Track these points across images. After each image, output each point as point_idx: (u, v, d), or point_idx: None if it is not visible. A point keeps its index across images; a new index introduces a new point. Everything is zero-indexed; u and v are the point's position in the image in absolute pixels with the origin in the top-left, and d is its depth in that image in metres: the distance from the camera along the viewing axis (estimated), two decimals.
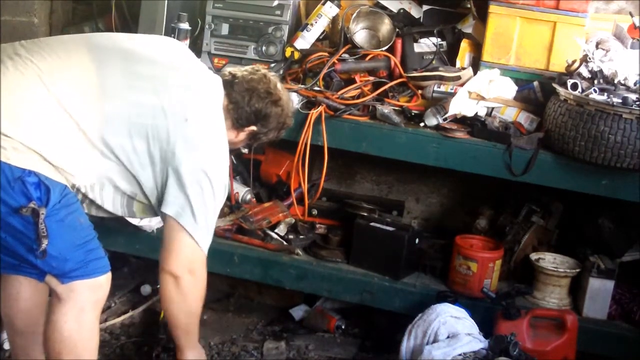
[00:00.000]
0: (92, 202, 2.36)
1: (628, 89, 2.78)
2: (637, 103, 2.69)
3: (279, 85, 2.59)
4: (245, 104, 2.50)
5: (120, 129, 2.25)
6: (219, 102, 2.45)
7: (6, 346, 2.92)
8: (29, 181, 2.11)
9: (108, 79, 2.26)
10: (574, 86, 2.81)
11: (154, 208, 2.40)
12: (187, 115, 2.32)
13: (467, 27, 3.26)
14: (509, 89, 3.04)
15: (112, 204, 2.39)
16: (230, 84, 2.50)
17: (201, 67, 2.53)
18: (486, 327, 2.77)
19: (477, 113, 3.00)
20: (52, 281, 2.25)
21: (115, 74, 2.28)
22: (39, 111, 2.16)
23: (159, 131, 2.28)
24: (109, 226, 3.15)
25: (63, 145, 2.19)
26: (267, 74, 2.58)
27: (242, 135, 2.57)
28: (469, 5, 3.27)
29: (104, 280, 2.32)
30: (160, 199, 2.35)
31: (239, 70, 2.56)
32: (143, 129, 2.27)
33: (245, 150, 3.21)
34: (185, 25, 3.15)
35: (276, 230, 3.26)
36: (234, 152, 2.65)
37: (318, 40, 3.30)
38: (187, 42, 3.16)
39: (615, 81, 2.80)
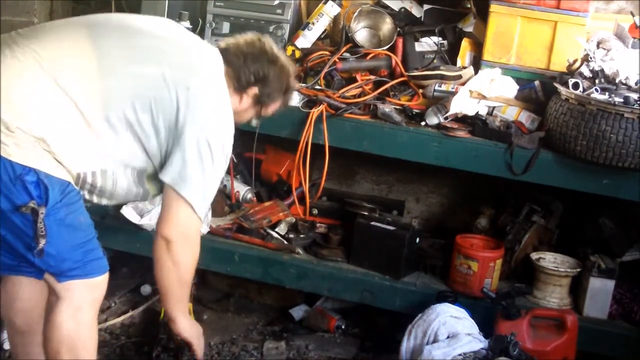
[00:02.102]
0: (102, 191, 2.32)
1: (629, 88, 2.78)
2: (639, 102, 2.69)
3: (275, 47, 2.56)
4: (241, 64, 2.46)
5: (123, 102, 2.23)
6: (219, 69, 2.43)
7: (6, 346, 2.91)
8: (28, 180, 2.09)
9: (106, 55, 2.23)
10: (575, 85, 2.81)
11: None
12: (189, 84, 2.29)
13: (468, 26, 3.27)
14: (510, 88, 3.04)
15: (127, 184, 2.35)
16: (226, 50, 2.48)
17: (198, 39, 2.51)
18: (486, 327, 2.76)
19: (478, 112, 3.00)
20: (50, 279, 2.24)
21: (113, 49, 2.26)
22: (40, 98, 2.14)
23: (163, 101, 2.26)
24: (110, 225, 3.15)
25: (67, 131, 2.17)
26: (262, 37, 2.56)
27: (246, 101, 2.51)
28: (469, 5, 3.28)
29: (101, 280, 2.31)
30: (162, 166, 2.33)
31: (233, 38, 2.54)
32: (146, 101, 2.25)
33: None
34: (186, 24, 3.16)
35: (277, 230, 3.26)
36: (245, 122, 2.59)
37: (319, 39, 3.31)
38: None
39: (617, 80, 2.80)
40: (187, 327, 2.52)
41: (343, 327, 3.30)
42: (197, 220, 2.34)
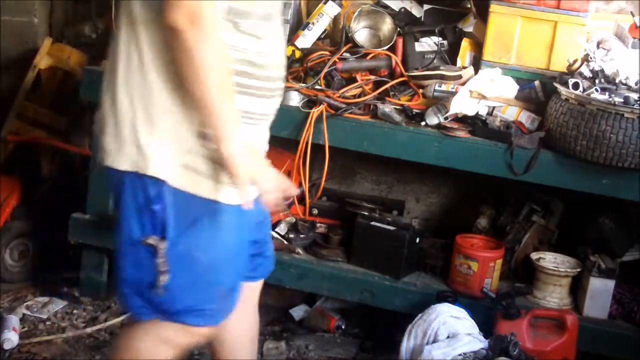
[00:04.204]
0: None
1: (629, 88, 2.78)
2: (639, 102, 2.69)
3: None
4: None
5: None
6: None
7: (6, 346, 2.91)
8: (155, 208, 1.84)
9: None
10: (576, 85, 2.81)
11: None
12: None
13: (468, 26, 3.27)
14: (510, 88, 3.03)
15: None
16: None
17: None
18: (486, 327, 2.76)
19: (478, 112, 3.00)
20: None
21: None
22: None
23: None
24: (110, 225, 3.15)
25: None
26: None
27: None
28: (469, 5, 3.28)
29: (205, 330, 1.99)
30: None
31: None
32: None
33: None
34: None
35: (277, 230, 3.26)
36: None
37: (319, 39, 3.31)
38: None
39: (617, 80, 2.80)
40: (239, 154, 1.83)
41: (343, 327, 3.30)
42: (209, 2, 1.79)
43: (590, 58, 2.86)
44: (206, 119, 1.83)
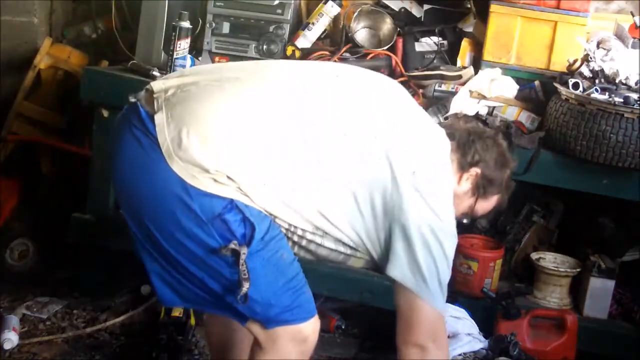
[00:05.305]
0: (299, 245, 2.11)
1: (629, 88, 2.79)
2: (639, 102, 2.69)
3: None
4: (467, 139, 2.18)
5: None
6: (447, 154, 2.15)
7: (6, 346, 2.91)
8: (230, 218, 1.90)
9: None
10: (576, 85, 2.81)
11: (377, 264, 2.12)
12: (415, 167, 2.02)
13: (468, 26, 3.27)
14: (510, 88, 3.03)
15: (329, 253, 2.16)
16: (449, 126, 2.28)
17: (423, 113, 2.25)
18: (486, 327, 2.76)
19: (478, 112, 2.99)
20: (254, 327, 2.02)
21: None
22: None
23: (383, 182, 2.00)
24: (110, 225, 3.15)
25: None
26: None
27: (465, 184, 2.19)
28: (469, 5, 3.28)
29: (311, 327, 2.09)
30: (384, 257, 2.07)
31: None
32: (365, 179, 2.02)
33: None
34: (186, 24, 3.15)
35: None
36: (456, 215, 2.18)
37: (319, 39, 3.31)
38: (188, 40, 3.16)
39: (617, 80, 2.80)
40: None
41: (343, 327, 3.30)
42: (441, 316, 2.11)
43: (590, 58, 2.87)
44: None
